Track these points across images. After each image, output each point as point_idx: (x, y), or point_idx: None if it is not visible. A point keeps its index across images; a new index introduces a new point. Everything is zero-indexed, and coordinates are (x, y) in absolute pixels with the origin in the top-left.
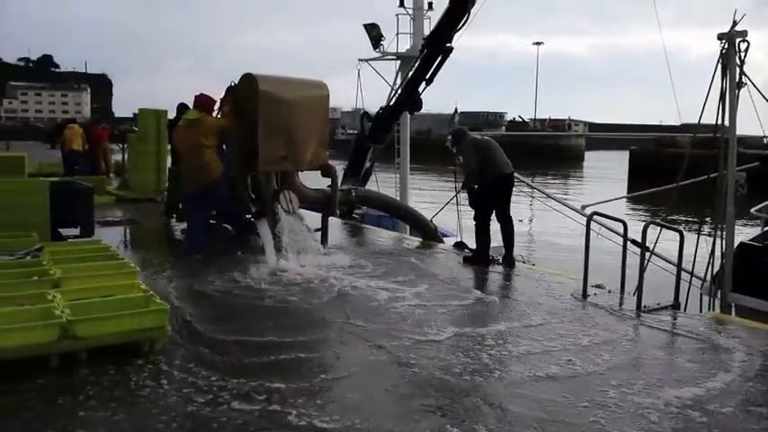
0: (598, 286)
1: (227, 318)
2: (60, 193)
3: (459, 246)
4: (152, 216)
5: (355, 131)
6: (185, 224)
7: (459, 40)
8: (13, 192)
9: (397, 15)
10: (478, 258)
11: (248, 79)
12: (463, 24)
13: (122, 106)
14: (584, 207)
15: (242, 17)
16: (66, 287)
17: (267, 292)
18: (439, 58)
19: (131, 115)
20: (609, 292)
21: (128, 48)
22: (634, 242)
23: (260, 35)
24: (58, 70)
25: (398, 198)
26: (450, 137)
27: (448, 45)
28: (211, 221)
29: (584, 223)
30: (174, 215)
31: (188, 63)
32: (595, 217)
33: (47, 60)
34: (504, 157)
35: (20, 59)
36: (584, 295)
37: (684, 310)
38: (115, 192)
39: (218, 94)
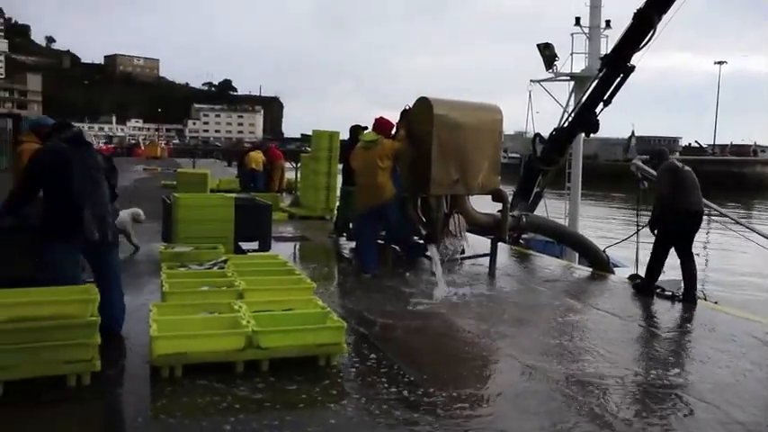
0: None
1: (398, 337)
2: (243, 209)
3: (634, 279)
4: (322, 234)
5: (517, 155)
6: (354, 243)
7: (635, 60)
8: (203, 206)
9: (572, 35)
10: (645, 287)
11: (423, 103)
12: (647, 42)
13: (291, 127)
14: None
15: (408, 41)
16: (250, 298)
17: (435, 314)
18: (619, 78)
19: (299, 135)
20: None
21: (297, 73)
22: None
23: (425, 58)
24: (235, 93)
25: (567, 225)
26: (639, 161)
27: (629, 64)
28: (380, 242)
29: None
30: (344, 234)
31: (350, 86)
32: None
33: (227, 84)
34: (698, 194)
35: (204, 84)
36: None
37: None
38: (287, 209)
39: (380, 116)
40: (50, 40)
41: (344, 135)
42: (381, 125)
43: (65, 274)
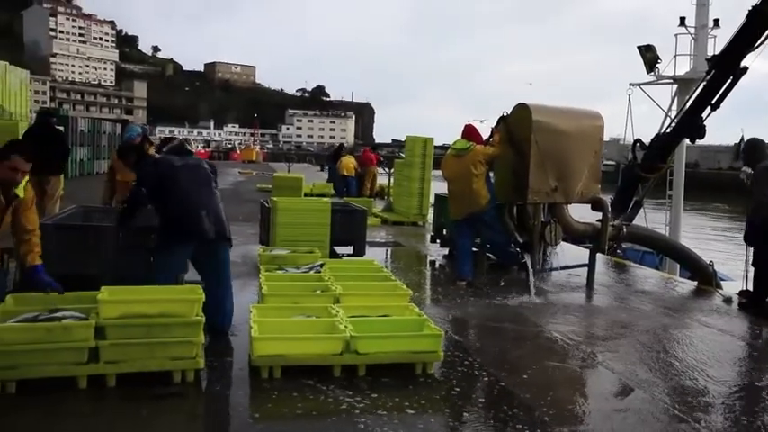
0: None
1: (493, 346)
2: (339, 214)
3: (745, 295)
4: (415, 240)
5: (612, 162)
6: (448, 250)
7: (747, 61)
8: (301, 210)
9: (675, 36)
10: (755, 303)
11: (522, 109)
12: (764, 41)
13: (382, 132)
14: None
15: (504, 47)
16: (346, 303)
17: (531, 324)
18: (729, 81)
19: (390, 141)
20: None
21: (390, 78)
22: None
23: (515, 64)
24: (328, 99)
25: (668, 235)
26: (749, 168)
27: (741, 66)
28: (474, 249)
29: None
30: (438, 240)
31: (441, 92)
32: None
33: (319, 91)
34: None
35: (298, 90)
36: None
37: None
38: (380, 214)
39: (469, 123)
40: (156, 49)
41: (438, 141)
42: (471, 132)
43: (167, 276)
